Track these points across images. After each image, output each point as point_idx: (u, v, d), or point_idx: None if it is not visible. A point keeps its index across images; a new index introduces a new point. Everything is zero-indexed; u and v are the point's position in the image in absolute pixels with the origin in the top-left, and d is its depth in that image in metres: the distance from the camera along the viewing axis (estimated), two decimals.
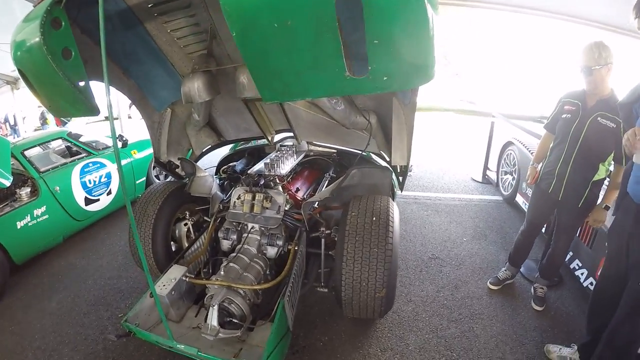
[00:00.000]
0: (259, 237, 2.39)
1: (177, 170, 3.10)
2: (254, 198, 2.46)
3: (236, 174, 3.32)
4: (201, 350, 1.70)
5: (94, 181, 3.89)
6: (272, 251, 2.35)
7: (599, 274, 2.16)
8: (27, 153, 3.55)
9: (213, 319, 1.77)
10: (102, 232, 3.92)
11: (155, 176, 4.64)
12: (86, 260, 3.37)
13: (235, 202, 2.54)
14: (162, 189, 2.69)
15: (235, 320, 1.87)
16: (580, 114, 2.20)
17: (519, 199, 3.91)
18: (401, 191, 2.76)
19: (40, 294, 2.93)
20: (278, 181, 2.69)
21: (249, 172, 2.86)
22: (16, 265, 3.09)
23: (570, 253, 2.75)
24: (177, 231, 2.78)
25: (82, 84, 1.52)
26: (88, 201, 3.82)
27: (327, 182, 3.09)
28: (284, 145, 3.46)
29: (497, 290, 2.77)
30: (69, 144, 4.09)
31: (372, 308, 2.09)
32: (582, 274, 2.55)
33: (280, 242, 2.35)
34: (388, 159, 2.70)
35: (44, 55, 1.34)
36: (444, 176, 5.51)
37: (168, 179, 4.37)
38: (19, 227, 3.11)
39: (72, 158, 3.90)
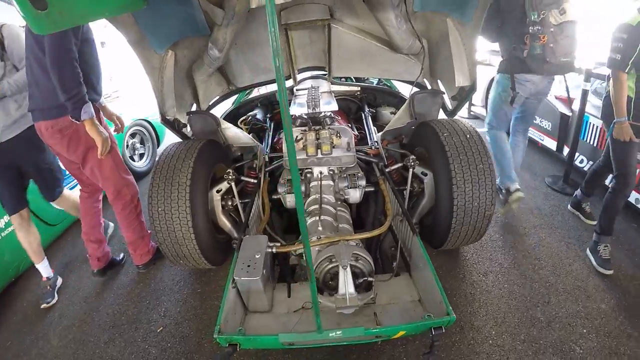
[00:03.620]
0: (331, 182, 2.19)
1: (183, 130, 2.65)
2: (318, 137, 2.23)
3: (260, 124, 2.98)
4: (368, 327, 1.44)
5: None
6: (355, 194, 2.18)
7: None
8: None
9: (348, 284, 1.52)
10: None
11: (129, 157, 3.86)
12: (77, 274, 2.66)
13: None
14: (186, 147, 2.16)
15: (369, 279, 1.65)
16: None
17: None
18: (453, 116, 2.72)
19: (28, 330, 2.19)
20: (334, 117, 2.48)
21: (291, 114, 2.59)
22: None
23: (590, 162, 3.14)
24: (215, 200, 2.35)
25: None
26: None
27: (369, 119, 2.97)
28: (300, 89, 3.20)
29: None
30: None
31: (479, 230, 2.08)
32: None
33: (362, 183, 2.18)
34: (436, 87, 2.68)
35: None
36: None
37: (144, 159, 3.81)
38: None
39: None
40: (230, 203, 2.31)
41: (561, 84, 3.73)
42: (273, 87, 3.39)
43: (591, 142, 3.10)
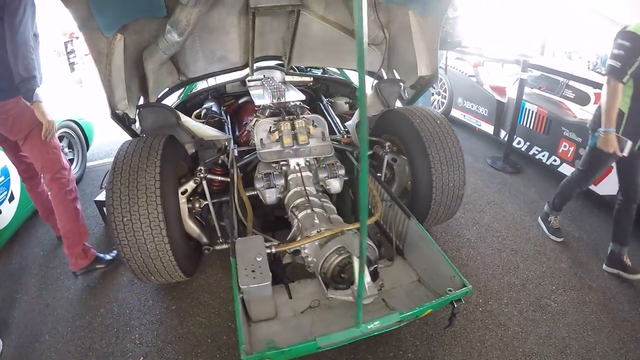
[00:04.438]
0: (310, 173, 2.12)
1: (132, 126, 2.33)
2: (293, 127, 2.15)
3: (217, 117, 2.75)
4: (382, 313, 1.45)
5: None
6: (336, 184, 2.13)
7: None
8: None
9: (365, 275, 1.48)
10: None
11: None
12: (18, 309, 2.13)
13: (262, 138, 2.14)
14: (148, 144, 1.89)
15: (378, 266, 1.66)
16: None
17: (455, 112, 4.65)
18: (411, 104, 2.86)
19: None
20: (304, 107, 2.42)
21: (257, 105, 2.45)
22: None
23: (527, 143, 3.60)
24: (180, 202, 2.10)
25: None
26: None
27: (329, 108, 2.98)
28: (253, 80, 3.07)
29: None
30: None
31: (452, 209, 2.26)
32: (543, 155, 3.41)
33: (342, 172, 2.14)
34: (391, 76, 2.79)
35: None
36: None
37: (74, 166, 3.17)
38: None
39: None
40: (197, 205, 2.09)
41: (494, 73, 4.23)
42: (223, 78, 3.18)
43: (527, 126, 3.54)
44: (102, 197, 2.71)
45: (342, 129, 2.65)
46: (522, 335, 1.89)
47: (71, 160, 3.43)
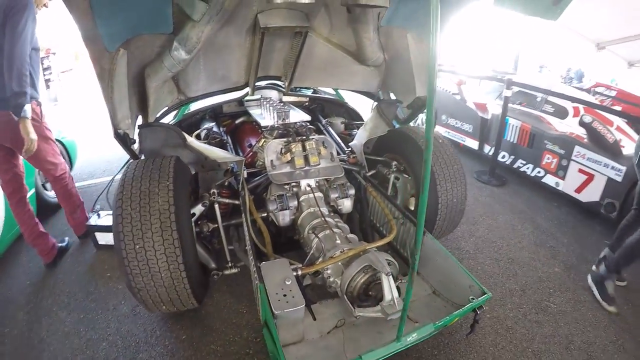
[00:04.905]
0: (321, 194, 2.17)
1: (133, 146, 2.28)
2: (304, 148, 2.19)
3: (219, 137, 2.73)
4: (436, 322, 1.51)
5: None
6: (347, 204, 2.18)
7: None
8: None
9: (393, 290, 1.53)
10: None
11: (42, 185, 3.05)
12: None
13: (273, 160, 2.17)
14: (157, 166, 1.84)
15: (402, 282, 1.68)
16: None
17: (439, 129, 4.85)
18: (407, 124, 2.99)
19: None
20: (312, 127, 2.46)
21: (263, 125, 2.47)
22: None
23: (512, 157, 3.83)
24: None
25: None
26: None
27: (329, 128, 3.04)
28: (250, 100, 3.11)
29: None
30: None
31: (455, 223, 2.40)
32: (527, 168, 3.66)
33: (352, 192, 2.19)
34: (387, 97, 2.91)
35: None
36: None
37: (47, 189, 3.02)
38: None
39: None
40: (205, 229, 2.06)
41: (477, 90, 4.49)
42: (220, 98, 3.17)
43: (511, 140, 3.79)
44: (93, 221, 2.60)
45: (345, 148, 2.71)
46: (528, 336, 2.02)
47: None
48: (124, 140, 2.12)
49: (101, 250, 2.63)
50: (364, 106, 3.43)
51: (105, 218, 2.60)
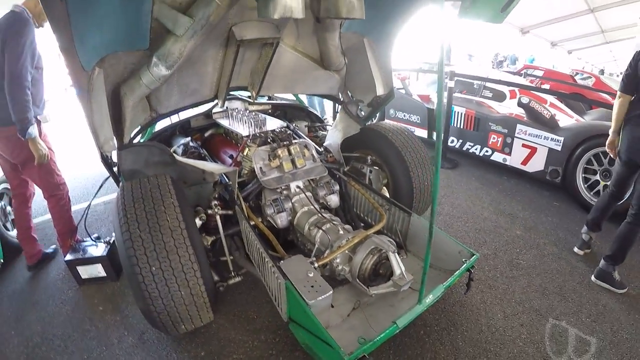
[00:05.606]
0: (310, 193, 2.35)
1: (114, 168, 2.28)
2: (289, 152, 2.34)
3: (197, 152, 2.76)
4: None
5: None
6: (335, 199, 2.39)
7: None
8: None
9: (401, 265, 1.76)
10: None
11: (2, 225, 2.82)
12: None
13: (261, 166, 2.29)
14: (153, 185, 1.86)
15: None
16: None
17: (389, 123, 5.26)
18: (373, 120, 3.31)
19: None
20: (290, 132, 2.62)
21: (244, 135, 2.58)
22: None
23: (460, 141, 4.32)
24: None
25: None
26: None
27: (298, 132, 3.21)
28: (216, 112, 3.20)
29: None
30: None
31: (428, 203, 2.73)
32: (476, 149, 4.15)
33: (336, 188, 2.41)
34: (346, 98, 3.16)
35: None
36: None
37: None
38: None
39: None
40: (205, 242, 2.12)
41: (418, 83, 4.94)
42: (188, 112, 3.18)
43: (458, 126, 4.28)
44: (71, 256, 2.46)
45: (319, 149, 2.90)
46: (509, 290, 2.38)
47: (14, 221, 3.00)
48: (110, 164, 2.09)
49: (85, 284, 2.50)
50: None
51: (90, 248, 2.49)
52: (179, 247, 1.66)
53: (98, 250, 2.48)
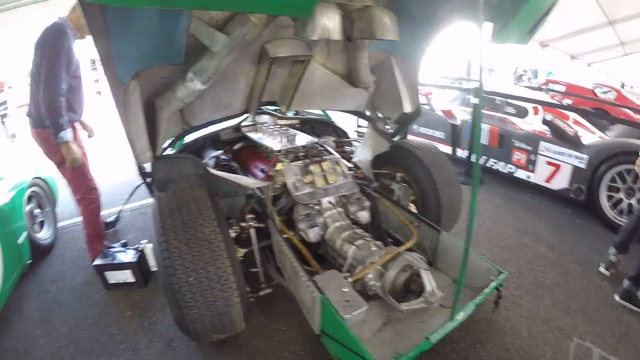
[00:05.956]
0: (342, 209, 2.39)
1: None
2: (322, 169, 2.40)
3: (229, 165, 2.84)
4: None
5: None
6: (365, 215, 2.42)
7: None
8: None
9: (432, 282, 1.80)
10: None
11: (30, 227, 2.91)
12: None
13: (294, 182, 2.35)
14: (189, 196, 1.91)
15: None
16: None
17: (411, 138, 5.30)
18: (399, 137, 3.32)
19: None
20: (321, 148, 2.68)
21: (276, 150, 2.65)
22: None
23: (484, 157, 4.31)
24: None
25: None
26: None
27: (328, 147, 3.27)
28: (245, 126, 3.28)
29: None
30: None
31: (455, 220, 2.78)
32: (500, 166, 4.14)
33: (367, 204, 2.45)
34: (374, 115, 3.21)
35: None
36: None
37: (46, 228, 2.84)
38: None
39: None
40: (238, 255, 2.16)
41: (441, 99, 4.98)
42: (218, 126, 3.28)
43: (482, 142, 4.28)
44: (100, 261, 2.54)
45: (349, 165, 2.95)
46: (534, 308, 2.37)
47: (42, 223, 3.13)
48: (144, 174, 2.17)
49: (113, 289, 2.58)
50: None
51: (119, 254, 2.56)
52: (216, 259, 1.70)
53: (127, 256, 2.55)
